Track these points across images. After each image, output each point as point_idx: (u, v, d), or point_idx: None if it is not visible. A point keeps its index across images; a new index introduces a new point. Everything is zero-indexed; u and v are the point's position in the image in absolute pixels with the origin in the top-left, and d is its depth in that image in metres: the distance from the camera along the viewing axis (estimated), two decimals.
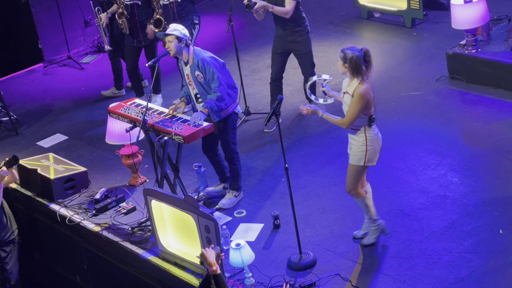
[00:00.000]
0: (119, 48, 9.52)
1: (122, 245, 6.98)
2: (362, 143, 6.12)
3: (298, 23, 8.14)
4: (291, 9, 7.97)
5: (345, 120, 6.08)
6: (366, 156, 6.14)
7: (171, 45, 6.79)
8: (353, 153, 6.20)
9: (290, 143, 8.15)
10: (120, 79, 9.77)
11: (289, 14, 7.99)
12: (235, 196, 7.31)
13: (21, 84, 10.81)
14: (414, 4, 10.04)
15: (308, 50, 8.29)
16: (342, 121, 6.10)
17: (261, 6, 7.94)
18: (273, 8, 7.95)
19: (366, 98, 5.99)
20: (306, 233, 6.75)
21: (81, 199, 7.74)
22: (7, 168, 7.10)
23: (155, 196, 6.46)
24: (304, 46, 8.24)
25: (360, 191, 6.28)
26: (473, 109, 8.19)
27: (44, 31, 11.19)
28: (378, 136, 6.21)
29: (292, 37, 8.18)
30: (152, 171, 7.56)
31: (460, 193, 6.92)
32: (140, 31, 8.95)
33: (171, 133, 6.71)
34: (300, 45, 8.22)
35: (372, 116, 6.10)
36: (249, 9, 7.92)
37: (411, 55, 9.59)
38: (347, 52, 6.06)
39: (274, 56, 8.36)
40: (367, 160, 6.15)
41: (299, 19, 8.14)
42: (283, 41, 8.24)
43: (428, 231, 6.51)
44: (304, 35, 8.19)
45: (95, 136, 8.97)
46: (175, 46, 6.78)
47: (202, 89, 6.91)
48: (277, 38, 8.31)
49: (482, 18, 8.43)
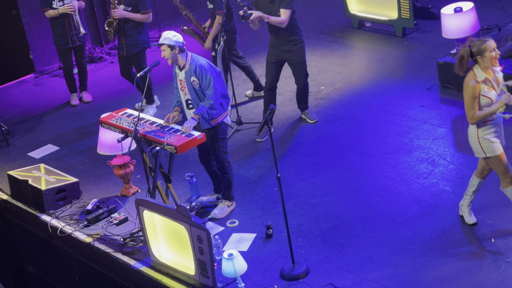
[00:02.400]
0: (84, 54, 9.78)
1: (114, 256, 6.96)
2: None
3: (293, 33, 8.15)
4: (286, 19, 7.98)
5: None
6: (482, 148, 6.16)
7: (166, 54, 6.82)
8: None
9: (282, 153, 8.15)
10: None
11: (285, 24, 8.00)
12: (227, 206, 7.29)
13: (12, 94, 10.78)
14: (405, 14, 10.08)
15: (302, 60, 8.30)
16: None
17: (257, 16, 7.94)
18: (268, 18, 7.96)
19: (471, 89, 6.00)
20: (299, 243, 6.74)
21: (72, 210, 7.71)
22: None
23: (147, 207, 6.44)
24: (298, 56, 8.25)
25: None
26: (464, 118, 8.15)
27: (35, 41, 11.17)
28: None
29: (287, 46, 8.19)
30: (144, 181, 7.55)
31: (452, 202, 6.93)
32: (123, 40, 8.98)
33: (163, 143, 6.70)
34: (294, 55, 8.23)
35: None
36: (245, 20, 7.92)
37: (402, 64, 9.62)
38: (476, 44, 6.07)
39: (269, 65, 8.37)
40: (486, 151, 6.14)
41: (293, 29, 8.15)
42: (277, 50, 8.25)
43: (421, 240, 6.52)
44: (298, 44, 8.21)
45: (87, 147, 8.95)
46: (169, 54, 6.80)
47: (195, 95, 6.90)
48: (271, 48, 8.31)
49: (472, 27, 8.47)
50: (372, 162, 7.73)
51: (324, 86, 9.39)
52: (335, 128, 8.46)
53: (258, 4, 8.09)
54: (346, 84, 9.37)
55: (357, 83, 9.35)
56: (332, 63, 9.95)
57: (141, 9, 8.84)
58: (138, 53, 9.05)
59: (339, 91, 9.23)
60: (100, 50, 11.44)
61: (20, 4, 10.97)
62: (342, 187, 7.42)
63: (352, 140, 8.17)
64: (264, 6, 8.03)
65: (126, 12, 8.89)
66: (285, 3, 7.93)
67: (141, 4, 8.83)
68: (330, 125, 8.53)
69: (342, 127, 8.46)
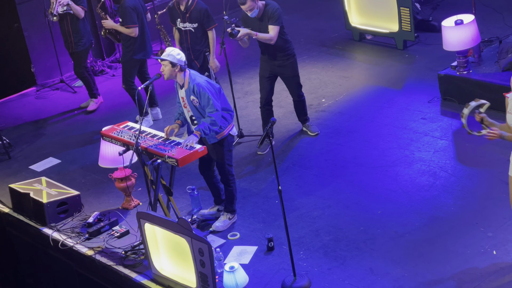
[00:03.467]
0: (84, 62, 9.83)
1: (116, 269, 6.95)
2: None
3: (284, 47, 8.15)
4: (275, 35, 7.97)
5: None
6: None
7: (165, 69, 6.82)
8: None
9: (283, 165, 8.15)
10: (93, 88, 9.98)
11: (274, 40, 7.99)
12: (229, 218, 7.29)
13: (13, 108, 10.80)
14: (405, 26, 10.10)
15: (295, 73, 8.32)
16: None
17: (245, 34, 7.92)
18: (257, 35, 7.94)
19: None
20: (300, 255, 6.72)
21: (74, 223, 7.71)
22: None
23: (149, 219, 6.44)
24: (291, 69, 8.26)
25: None
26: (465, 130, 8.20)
27: (36, 54, 11.20)
28: None
29: (279, 61, 8.19)
30: (145, 194, 7.54)
31: (454, 214, 6.92)
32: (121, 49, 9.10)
33: (164, 156, 6.70)
34: (287, 69, 8.25)
35: None
36: (233, 38, 7.91)
37: (403, 76, 9.64)
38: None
39: (263, 80, 8.36)
40: None
41: (284, 43, 8.15)
42: (270, 65, 8.26)
43: (422, 252, 6.50)
44: (290, 58, 8.22)
45: (88, 160, 8.95)
46: (168, 71, 6.81)
47: (197, 113, 6.91)
48: (263, 62, 8.31)
49: (473, 39, 8.49)
50: (373, 175, 7.72)
51: (325, 99, 9.40)
52: (336, 140, 8.47)
53: (247, 22, 8.08)
54: (347, 97, 9.38)
55: (358, 96, 9.36)
56: (333, 75, 9.97)
57: (125, 23, 8.92)
58: (127, 62, 9.09)
59: (340, 103, 9.24)
60: (102, 63, 11.47)
61: (21, 17, 11.01)
62: (344, 200, 7.42)
63: (353, 153, 8.17)
64: (253, 24, 8.03)
65: (113, 24, 9.09)
66: (273, 20, 7.93)
67: (126, 19, 8.92)
68: (331, 138, 8.53)
69: (343, 139, 8.46)
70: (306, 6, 12.36)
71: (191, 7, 8.47)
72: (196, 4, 8.49)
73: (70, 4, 9.49)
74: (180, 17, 8.57)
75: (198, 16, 8.46)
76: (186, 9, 8.49)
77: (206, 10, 8.48)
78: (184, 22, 8.55)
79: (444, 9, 10.85)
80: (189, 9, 8.48)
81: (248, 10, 7.91)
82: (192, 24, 8.52)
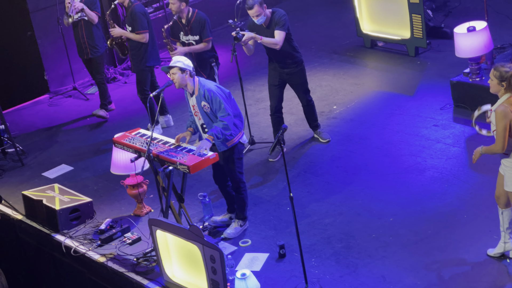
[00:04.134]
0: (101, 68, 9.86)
1: (127, 276, 6.96)
2: None
3: (292, 55, 8.15)
4: (280, 40, 7.95)
5: (496, 143, 5.84)
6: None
7: (175, 77, 6.83)
8: (507, 178, 5.98)
9: (295, 172, 8.15)
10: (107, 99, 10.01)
11: (279, 45, 7.96)
12: (240, 225, 7.29)
13: (27, 115, 10.86)
14: (417, 33, 10.09)
15: (303, 79, 8.32)
16: (493, 146, 5.87)
17: (249, 37, 7.90)
18: (262, 39, 7.92)
19: (508, 117, 5.75)
20: (312, 263, 6.71)
21: (86, 230, 7.73)
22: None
23: (160, 226, 6.45)
24: (300, 76, 8.26)
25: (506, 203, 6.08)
26: (478, 137, 8.18)
27: (49, 62, 11.27)
28: None
29: (288, 69, 8.19)
30: (157, 201, 7.56)
31: (466, 222, 6.88)
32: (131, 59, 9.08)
33: (176, 163, 6.71)
34: (296, 76, 8.24)
35: None
36: (237, 41, 7.87)
37: (415, 83, 9.62)
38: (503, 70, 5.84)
39: (272, 88, 8.35)
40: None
41: (293, 50, 8.14)
42: (279, 73, 8.24)
43: (435, 260, 6.47)
44: (299, 65, 8.22)
45: (100, 167, 8.98)
46: (179, 77, 6.82)
47: (208, 120, 6.92)
48: (272, 70, 8.30)
49: (485, 46, 8.47)
50: (385, 182, 7.71)
51: (336, 106, 9.40)
52: (347, 147, 8.46)
53: (253, 30, 8.05)
54: (359, 104, 9.37)
55: (370, 103, 9.35)
56: (344, 82, 9.96)
57: (136, 29, 8.94)
58: (140, 72, 9.11)
59: (352, 110, 9.24)
60: (114, 70, 11.52)
61: (35, 25, 11.08)
62: (355, 207, 7.40)
63: (365, 160, 8.16)
64: (259, 32, 8.00)
65: (122, 31, 9.06)
66: (279, 25, 7.92)
67: (136, 25, 8.93)
68: (343, 145, 8.52)
69: (355, 146, 8.45)
70: (318, 13, 12.37)
71: (192, 19, 8.49)
72: (196, 15, 8.51)
73: (84, 9, 9.53)
74: (182, 30, 8.58)
75: (198, 27, 8.48)
76: (187, 21, 8.51)
77: (205, 21, 8.49)
78: (186, 35, 8.57)
79: (456, 16, 10.83)
80: (190, 22, 8.50)
81: (255, 15, 7.89)
82: (193, 36, 8.54)
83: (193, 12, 8.51)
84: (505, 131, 5.79)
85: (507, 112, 5.80)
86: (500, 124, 5.81)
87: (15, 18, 11.12)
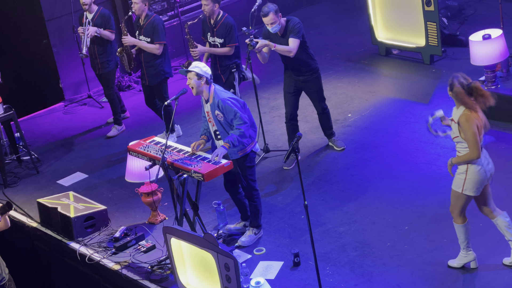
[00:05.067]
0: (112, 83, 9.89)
1: (142, 284, 6.96)
2: (463, 170, 6.08)
3: (308, 63, 8.14)
4: (294, 47, 7.94)
5: (470, 151, 5.98)
6: (464, 184, 6.08)
7: (191, 82, 6.86)
8: (455, 176, 6.15)
9: (309, 180, 8.13)
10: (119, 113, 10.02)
11: (293, 53, 7.95)
12: (255, 233, 7.28)
13: (42, 123, 10.92)
14: (432, 41, 10.06)
15: (319, 87, 8.31)
16: (468, 153, 6.01)
17: (263, 45, 7.88)
18: (275, 47, 7.90)
19: (473, 120, 5.89)
20: (327, 271, 6.69)
21: (100, 238, 7.75)
22: (0, 215, 6.57)
23: (175, 234, 6.45)
24: (316, 84, 8.25)
25: (459, 217, 6.19)
26: (494, 146, 8.14)
27: (65, 70, 11.33)
28: (484, 168, 6.08)
29: (304, 76, 8.18)
30: (171, 209, 7.56)
31: (482, 230, 6.83)
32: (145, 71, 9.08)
33: (190, 171, 6.72)
34: (312, 84, 8.23)
35: None
36: (251, 49, 7.85)
37: (430, 91, 9.59)
38: (454, 82, 6.02)
39: (287, 96, 8.34)
40: (464, 189, 6.08)
41: (308, 58, 8.14)
42: (294, 80, 8.24)
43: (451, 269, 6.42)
44: (314, 73, 8.20)
45: (115, 174, 9.01)
46: (195, 83, 6.84)
47: (221, 128, 6.93)
48: (288, 78, 8.29)
49: (501, 54, 8.43)
50: (400, 190, 7.67)
51: (351, 114, 9.38)
52: (362, 155, 8.43)
53: (268, 38, 8.02)
54: (373, 112, 9.35)
55: (384, 111, 9.32)
56: (359, 90, 9.94)
57: (155, 40, 8.94)
58: (160, 83, 9.12)
59: (366, 118, 9.21)
60: (128, 78, 11.57)
61: (50, 34, 11.15)
62: (370, 215, 7.37)
63: (379, 168, 8.13)
64: (274, 40, 7.99)
65: (135, 40, 9.06)
66: (294, 32, 7.91)
67: (156, 35, 8.94)
68: (358, 153, 8.50)
69: (370, 154, 8.43)
70: (332, 21, 12.37)
71: (220, 21, 8.52)
72: (224, 19, 8.54)
73: (98, 33, 9.53)
74: (210, 31, 8.62)
75: (224, 31, 8.50)
76: (215, 23, 8.54)
77: (231, 26, 8.51)
78: (213, 36, 8.60)
79: (472, 23, 10.80)
80: (218, 24, 8.52)
81: (270, 23, 7.89)
82: (219, 39, 8.56)
83: (223, 16, 8.56)
84: (476, 136, 5.91)
85: (471, 118, 5.91)
86: (469, 131, 5.91)
87: (31, 26, 11.20)
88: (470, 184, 6.09)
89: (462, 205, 6.19)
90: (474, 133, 5.91)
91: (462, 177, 6.10)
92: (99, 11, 9.61)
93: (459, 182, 6.13)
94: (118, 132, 10.03)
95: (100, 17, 9.58)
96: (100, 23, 9.57)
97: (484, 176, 6.11)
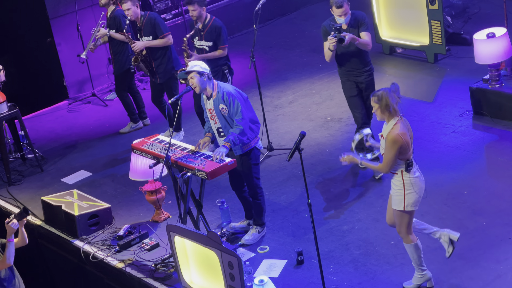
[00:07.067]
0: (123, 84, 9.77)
1: (146, 282, 6.97)
2: (400, 187, 6.01)
3: (367, 61, 7.88)
4: (370, 41, 7.74)
5: (383, 166, 6.01)
6: (405, 200, 6.00)
7: (194, 82, 6.85)
8: (393, 197, 6.09)
9: (313, 179, 8.14)
10: (133, 112, 9.93)
11: (370, 46, 7.74)
12: (258, 232, 7.28)
13: (46, 121, 10.93)
14: (436, 39, 10.05)
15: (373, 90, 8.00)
16: (380, 166, 6.04)
17: (351, 38, 7.57)
18: (358, 41, 7.64)
19: (399, 143, 5.89)
20: (330, 269, 6.69)
21: (104, 236, 7.76)
22: (17, 220, 6.45)
23: (178, 232, 6.46)
24: (372, 86, 7.95)
25: (408, 236, 6.12)
26: (497, 144, 8.13)
27: (69, 68, 11.34)
28: (419, 180, 6.05)
29: (362, 77, 7.87)
30: (175, 207, 7.57)
31: (486, 229, 6.84)
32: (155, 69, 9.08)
33: (194, 169, 6.73)
34: (369, 85, 7.92)
35: (409, 160, 5.98)
36: (342, 43, 7.52)
37: (434, 90, 9.58)
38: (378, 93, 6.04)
39: (352, 100, 7.94)
40: (406, 205, 6.00)
41: (367, 57, 7.89)
42: (355, 83, 7.91)
43: (454, 268, 6.43)
44: (372, 74, 7.93)
45: (119, 173, 9.02)
46: (198, 81, 6.84)
47: (225, 123, 6.93)
48: (347, 82, 7.94)
49: (505, 52, 8.42)
50: None
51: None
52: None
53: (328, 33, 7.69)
54: None
55: None
56: None
57: (159, 34, 8.94)
58: (170, 80, 9.13)
59: None
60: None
61: (54, 32, 11.17)
62: (374, 213, 7.37)
63: None
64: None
65: (144, 42, 9.01)
66: (364, 27, 7.70)
67: (158, 30, 8.94)
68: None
69: None
70: None
71: (208, 25, 8.50)
72: (212, 22, 8.51)
73: (110, 34, 9.50)
74: (198, 35, 8.58)
75: (213, 34, 8.47)
76: (203, 27, 8.52)
77: (220, 28, 8.47)
78: (200, 40, 8.57)
79: (476, 22, 10.78)
80: (206, 27, 8.50)
81: (344, 14, 7.64)
82: (207, 42, 8.54)
83: (210, 19, 8.53)
84: (395, 157, 5.92)
85: (398, 140, 5.90)
86: (391, 151, 5.92)
87: (35, 24, 11.22)
88: (411, 199, 5.99)
89: (408, 223, 6.09)
90: (394, 155, 5.91)
91: (401, 193, 6.00)
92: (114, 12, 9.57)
93: (399, 200, 6.03)
94: (131, 129, 10.02)
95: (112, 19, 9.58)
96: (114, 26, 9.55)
97: (423, 183, 6.06)
